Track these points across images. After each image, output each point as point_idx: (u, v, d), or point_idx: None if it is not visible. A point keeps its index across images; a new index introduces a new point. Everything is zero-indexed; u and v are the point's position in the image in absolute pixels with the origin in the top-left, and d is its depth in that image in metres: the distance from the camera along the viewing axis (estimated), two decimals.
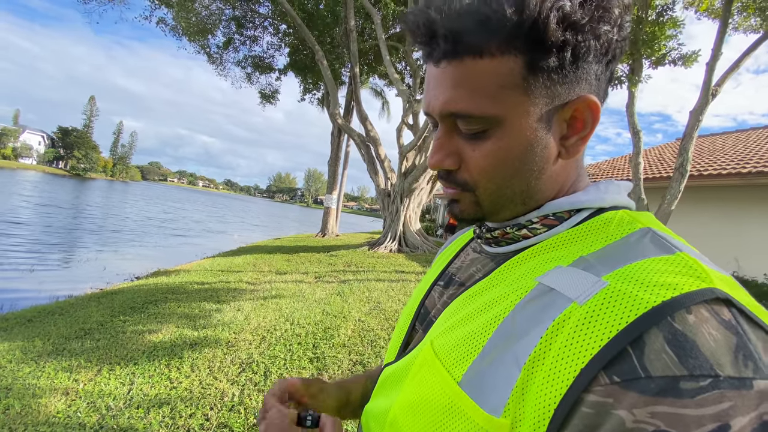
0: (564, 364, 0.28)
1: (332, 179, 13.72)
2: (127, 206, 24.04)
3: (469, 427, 0.31)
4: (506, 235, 0.43)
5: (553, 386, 0.27)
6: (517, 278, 0.37)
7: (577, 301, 0.30)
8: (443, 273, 0.52)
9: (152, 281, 5.78)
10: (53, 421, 2.11)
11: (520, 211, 0.42)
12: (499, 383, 0.31)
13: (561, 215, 0.40)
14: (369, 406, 0.49)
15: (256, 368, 2.91)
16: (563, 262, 0.36)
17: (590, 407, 0.26)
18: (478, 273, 0.45)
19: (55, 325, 3.62)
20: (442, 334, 0.39)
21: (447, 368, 0.35)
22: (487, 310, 0.36)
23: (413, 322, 0.49)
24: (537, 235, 0.41)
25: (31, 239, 9.56)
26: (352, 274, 6.99)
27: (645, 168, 9.79)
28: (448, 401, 0.34)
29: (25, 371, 2.64)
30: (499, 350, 0.32)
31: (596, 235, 0.37)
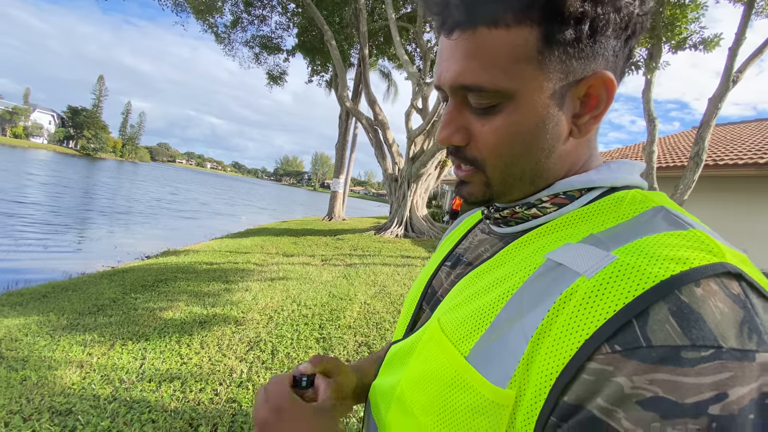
0: (568, 336, 0.28)
1: (339, 163, 13.67)
2: (137, 187, 24.28)
3: (475, 399, 0.32)
4: (515, 215, 0.42)
5: (556, 356, 0.28)
6: (527, 256, 0.37)
7: (585, 275, 0.30)
8: (450, 254, 0.52)
9: (162, 260, 5.88)
10: (68, 392, 2.19)
11: (529, 190, 0.41)
12: (506, 356, 0.31)
13: (572, 194, 0.40)
14: (376, 383, 0.49)
15: (263, 347, 2.98)
16: (573, 240, 0.35)
17: (591, 374, 0.26)
18: (486, 253, 0.45)
19: (69, 301, 3.72)
20: (449, 311, 0.39)
21: (454, 343, 0.36)
22: (495, 287, 0.36)
23: (420, 302, 0.49)
24: (547, 214, 0.40)
25: (43, 218, 9.73)
26: (358, 257, 7.03)
27: (659, 157, 9.60)
28: (454, 374, 0.34)
29: (40, 344, 2.73)
30: (507, 325, 0.32)
31: (607, 214, 0.36)
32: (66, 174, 24.94)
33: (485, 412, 0.31)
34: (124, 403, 2.12)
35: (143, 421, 1.98)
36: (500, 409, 0.31)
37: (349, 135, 13.78)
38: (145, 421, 1.98)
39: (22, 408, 2.00)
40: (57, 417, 1.96)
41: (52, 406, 2.03)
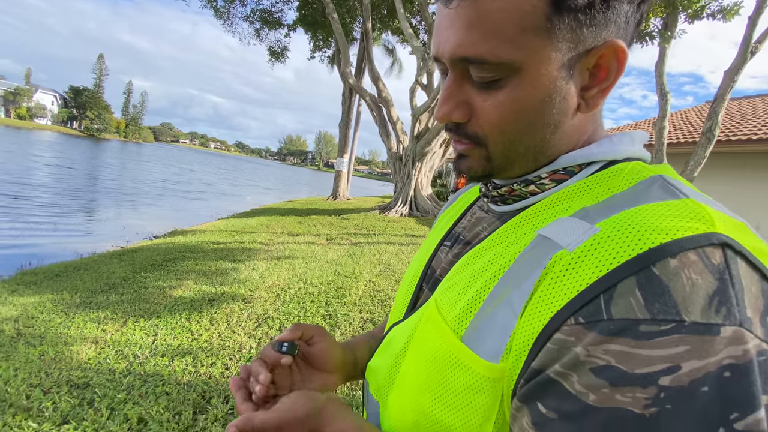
0: (543, 307, 0.29)
1: (343, 142, 13.55)
2: (142, 168, 24.35)
3: (471, 378, 0.33)
4: (513, 192, 0.41)
5: (531, 326, 0.29)
6: (521, 235, 0.37)
7: (567, 248, 0.30)
8: (449, 233, 0.51)
9: (170, 240, 5.96)
10: (85, 366, 2.27)
11: (531, 167, 0.39)
12: (497, 332, 0.32)
13: (571, 169, 0.38)
14: (373, 363, 0.49)
15: (271, 323, 3.05)
16: (565, 215, 0.35)
17: (554, 343, 0.27)
18: (483, 232, 0.44)
19: (81, 280, 3.81)
20: (445, 292, 0.39)
21: (449, 325, 0.36)
22: (489, 267, 0.36)
23: (420, 282, 0.49)
24: (545, 191, 0.39)
25: (52, 200, 9.84)
26: (363, 237, 7.08)
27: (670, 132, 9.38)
28: (450, 356, 0.35)
29: (56, 321, 2.81)
30: (498, 302, 0.33)
31: (603, 186, 0.35)
32: (71, 155, 25.02)
33: (482, 389, 0.32)
34: (139, 377, 2.20)
35: (158, 394, 2.06)
36: (496, 383, 0.31)
37: (353, 113, 13.58)
38: (160, 394, 2.06)
39: (41, 382, 2.08)
40: (75, 390, 2.04)
41: (70, 380, 2.12)
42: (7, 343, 2.44)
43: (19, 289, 3.48)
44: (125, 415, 1.87)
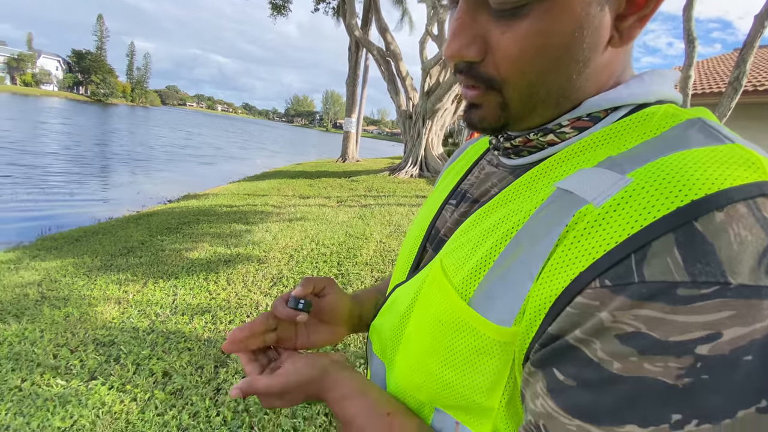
0: (562, 268, 0.26)
1: (351, 101, 13.15)
2: (151, 133, 24.31)
3: (479, 341, 0.31)
4: (529, 143, 0.36)
5: (549, 288, 0.26)
6: (538, 189, 0.33)
7: (593, 203, 0.26)
8: (455, 190, 0.47)
9: (183, 204, 6.03)
10: (109, 325, 2.37)
11: (552, 114, 0.34)
12: (510, 295, 0.29)
13: (597, 115, 0.33)
14: (377, 323, 0.48)
15: (286, 282, 3.11)
16: (588, 165, 0.31)
17: (575, 308, 0.25)
18: (494, 188, 0.40)
19: (100, 244, 3.91)
20: (452, 253, 0.36)
21: (455, 287, 0.33)
22: (500, 226, 0.33)
23: (424, 242, 0.46)
24: (565, 140, 0.34)
25: (66, 167, 9.97)
26: (372, 198, 7.05)
27: (695, 82, 8.81)
28: (456, 319, 0.32)
29: (79, 284, 2.92)
30: (510, 263, 0.30)
31: (632, 133, 0.31)
32: (81, 122, 25.05)
33: (491, 352, 0.30)
34: (161, 334, 2.29)
35: (180, 350, 2.15)
36: (507, 347, 0.29)
37: (360, 69, 13.05)
38: (182, 350, 2.15)
39: (68, 341, 2.19)
40: (101, 348, 2.14)
41: (96, 338, 2.22)
42: (32, 306, 2.55)
43: (41, 254, 3.59)
44: (150, 369, 1.97)
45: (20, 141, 12.96)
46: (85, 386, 1.83)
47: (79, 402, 1.73)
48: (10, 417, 1.64)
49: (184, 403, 1.77)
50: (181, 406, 1.75)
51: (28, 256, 3.50)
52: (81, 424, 1.62)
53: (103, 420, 1.65)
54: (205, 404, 1.76)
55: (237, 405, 1.77)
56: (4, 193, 6.69)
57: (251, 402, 1.79)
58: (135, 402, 1.76)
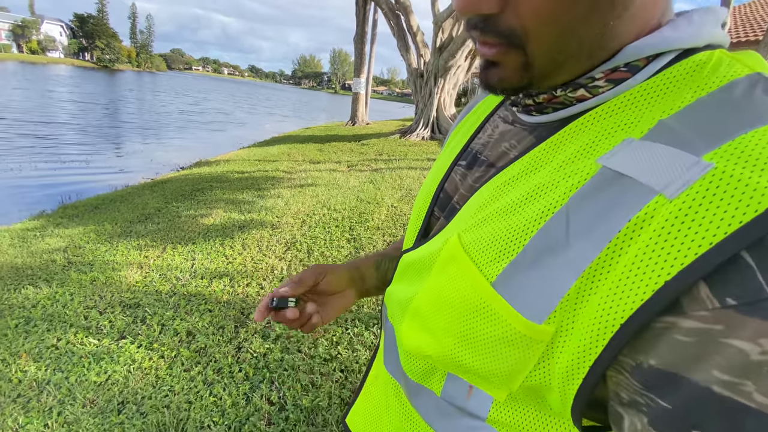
0: (641, 275, 0.22)
1: (359, 60, 12.66)
2: (160, 99, 24.13)
3: (503, 330, 0.28)
4: (554, 99, 0.31)
5: (622, 300, 0.22)
6: (570, 158, 0.29)
7: (664, 194, 0.22)
8: (464, 151, 0.43)
9: (196, 171, 6.08)
10: (134, 289, 2.48)
11: (584, 67, 0.29)
12: (545, 290, 0.26)
13: (636, 64, 0.28)
14: (391, 290, 0.47)
15: (299, 247, 3.17)
16: (634, 130, 0.26)
17: (686, 335, 0.20)
18: (512, 150, 0.35)
19: (119, 211, 4.01)
20: (473, 228, 0.33)
21: (479, 266, 0.30)
22: (530, 202, 0.29)
23: (431, 207, 0.43)
24: (598, 95, 0.29)
25: (79, 136, 10.05)
26: (383, 162, 6.97)
27: (730, 29, 8.16)
28: (478, 301, 0.30)
29: (101, 250, 3.03)
30: (546, 252, 0.26)
31: (683, 88, 0.26)
32: (90, 89, 24.94)
33: (514, 343, 0.28)
34: (183, 297, 2.39)
35: (201, 311, 2.25)
36: (533, 342, 0.27)
37: (368, 25, 12.43)
38: (203, 311, 2.25)
39: (96, 303, 2.31)
40: (128, 309, 2.26)
41: (122, 301, 2.33)
42: (60, 271, 2.67)
43: (63, 222, 3.71)
44: (175, 329, 2.07)
45: (33, 110, 13.04)
46: (115, 345, 1.95)
47: (111, 359, 1.85)
48: (50, 372, 1.77)
49: (208, 360, 1.88)
50: (206, 363, 1.86)
51: (52, 224, 3.63)
52: (115, 379, 1.74)
53: (134, 375, 1.77)
54: (228, 361, 1.86)
55: (258, 362, 1.87)
56: (23, 162, 6.84)
57: (271, 359, 1.89)
58: (163, 359, 1.87)
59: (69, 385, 1.70)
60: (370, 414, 0.50)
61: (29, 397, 1.63)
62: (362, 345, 2.03)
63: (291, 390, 1.71)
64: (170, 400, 1.64)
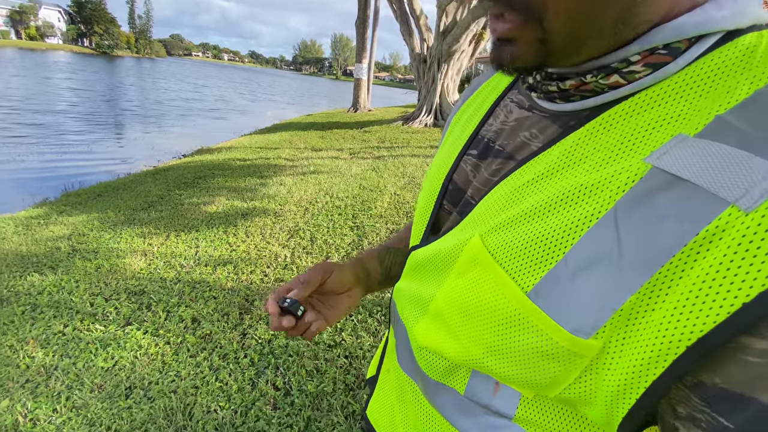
0: (713, 295, 0.20)
1: (361, 45, 12.45)
2: (160, 86, 23.93)
3: (542, 343, 0.26)
4: (584, 87, 0.29)
5: (690, 320, 0.21)
6: (611, 155, 0.26)
7: (738, 205, 0.20)
8: (473, 138, 0.39)
9: (198, 158, 6.06)
10: (138, 276, 2.49)
11: (607, 45, 0.27)
12: (593, 303, 0.24)
13: (677, 46, 0.25)
14: (401, 286, 0.45)
15: (303, 234, 3.17)
16: (686, 127, 0.24)
17: (761, 356, 0.19)
18: (534, 141, 0.32)
19: (122, 199, 4.01)
20: (499, 230, 0.30)
21: (511, 274, 0.28)
22: (569, 204, 0.26)
23: (440, 200, 0.40)
24: (634, 82, 0.27)
25: (81, 123, 10.01)
26: (386, 150, 6.91)
27: None
28: (512, 312, 0.28)
29: (105, 237, 3.03)
30: (593, 262, 0.24)
31: (734, 76, 0.24)
32: (89, 77, 24.74)
33: (554, 356, 0.26)
34: (188, 284, 2.40)
35: (206, 298, 2.26)
36: (576, 357, 0.25)
37: (370, 8, 12.18)
38: (208, 298, 2.26)
39: (102, 290, 2.32)
40: (133, 296, 2.27)
41: (127, 288, 2.34)
42: (65, 259, 2.68)
43: (67, 209, 3.72)
44: (180, 316, 2.09)
45: (33, 98, 12.96)
46: (122, 331, 1.97)
47: (118, 345, 1.87)
48: (57, 358, 1.79)
49: (213, 346, 1.89)
50: (211, 348, 1.88)
51: (56, 212, 3.63)
52: (122, 364, 1.76)
53: (141, 361, 1.79)
54: (233, 347, 1.88)
55: (263, 348, 1.88)
56: (25, 151, 6.82)
57: (276, 345, 1.90)
58: (168, 345, 1.89)
59: (77, 371, 1.72)
60: (385, 408, 0.50)
61: (38, 383, 1.66)
62: (366, 331, 2.03)
63: (296, 376, 1.73)
64: (177, 385, 1.66)
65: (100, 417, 1.51)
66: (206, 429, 1.47)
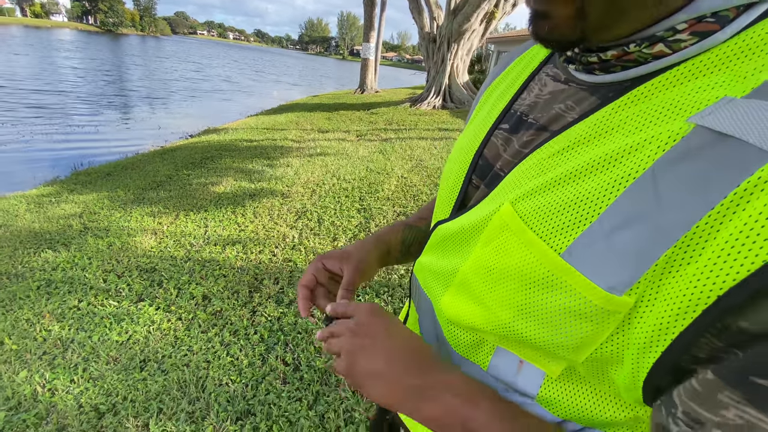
0: (749, 244, 0.20)
1: (369, 23, 12.17)
2: (166, 66, 23.73)
3: (575, 302, 0.26)
4: (626, 56, 0.28)
5: (723, 270, 0.21)
6: (651, 119, 0.25)
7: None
8: (506, 112, 0.39)
9: (204, 139, 6.05)
10: (149, 254, 2.53)
11: (651, 16, 0.26)
12: (629, 259, 0.24)
13: (725, 14, 0.25)
14: (423, 260, 0.45)
15: (310, 216, 3.18)
16: (733, 91, 0.23)
17: None
18: (570, 113, 0.32)
19: (130, 178, 4.04)
20: (530, 196, 0.30)
21: (543, 237, 0.28)
22: (605, 168, 0.26)
23: (469, 175, 0.40)
24: (679, 51, 0.26)
25: (88, 103, 10.00)
26: (393, 132, 6.84)
27: None
28: (545, 273, 0.28)
29: (116, 216, 3.07)
30: (631, 220, 0.24)
31: None
32: (95, 55, 24.58)
33: (587, 316, 0.26)
34: (198, 262, 2.43)
35: (216, 276, 2.30)
36: (609, 315, 0.25)
37: None
38: (218, 276, 2.30)
39: (114, 267, 2.36)
40: (144, 273, 2.31)
41: (139, 265, 2.38)
42: (77, 236, 2.72)
43: (77, 188, 3.75)
44: (191, 293, 2.13)
45: (40, 77, 12.94)
46: (134, 307, 2.01)
47: (131, 320, 1.92)
48: (73, 332, 1.84)
49: (224, 322, 1.93)
50: (222, 325, 1.92)
51: (66, 190, 3.67)
52: (136, 338, 1.81)
53: (154, 335, 1.83)
54: (243, 324, 1.92)
55: (272, 325, 1.92)
56: (33, 130, 6.86)
57: (285, 322, 1.94)
58: (180, 321, 1.93)
59: (92, 344, 1.77)
60: None
61: (55, 355, 1.71)
62: None
63: (305, 352, 1.76)
64: (189, 359, 1.71)
65: (116, 388, 1.56)
66: (218, 401, 1.52)
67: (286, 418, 1.47)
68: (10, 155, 5.51)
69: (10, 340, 1.77)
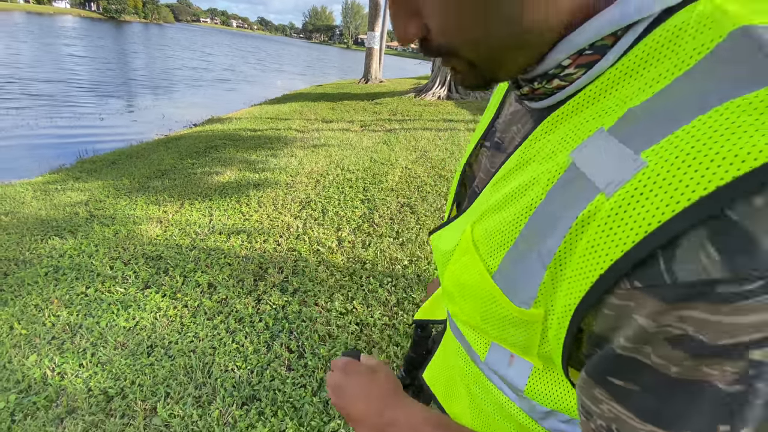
0: (586, 267, 0.24)
1: (374, 11, 12.01)
2: (169, 55, 23.60)
3: (507, 314, 0.31)
4: (537, 92, 0.31)
5: (576, 287, 0.25)
6: (553, 150, 0.29)
7: (605, 192, 0.23)
8: (489, 129, 0.43)
9: (208, 128, 6.04)
10: (155, 242, 2.55)
11: (532, 54, 0.27)
12: (526, 280, 0.28)
13: (603, 44, 0.25)
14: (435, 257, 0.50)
15: (314, 206, 3.19)
16: (608, 120, 0.25)
17: (611, 309, 0.23)
18: (517, 135, 0.36)
19: (135, 167, 4.05)
20: (481, 219, 0.34)
21: (483, 259, 0.33)
22: (522, 194, 0.30)
23: (460, 182, 0.46)
24: (573, 82, 0.28)
25: (93, 91, 9.99)
26: (397, 123, 6.79)
27: None
28: (487, 290, 0.33)
29: (122, 204, 3.09)
30: (528, 245, 0.28)
31: (657, 66, 0.23)
32: (98, 43, 24.47)
33: (518, 324, 0.31)
34: (203, 251, 2.45)
35: (221, 265, 2.32)
36: (529, 324, 0.30)
37: None
38: (223, 265, 2.32)
39: (120, 255, 2.39)
40: (150, 261, 2.33)
41: (145, 253, 2.40)
42: (83, 224, 2.75)
43: (82, 176, 3.77)
44: (196, 281, 2.15)
45: (44, 65, 12.91)
46: (141, 294, 2.04)
47: (138, 306, 1.94)
48: (81, 317, 1.87)
49: (229, 310, 1.96)
50: (227, 312, 1.94)
51: (72, 178, 3.70)
52: (143, 325, 1.83)
53: (160, 322, 1.86)
54: (248, 311, 1.94)
55: (277, 313, 1.94)
56: (39, 115, 6.87)
57: (290, 311, 1.96)
58: (186, 308, 1.96)
59: (100, 329, 1.79)
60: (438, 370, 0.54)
61: (63, 339, 1.74)
62: (376, 301, 2.08)
63: (309, 340, 1.78)
64: (195, 345, 1.73)
65: (125, 372, 1.59)
66: (224, 386, 1.54)
67: (290, 403, 1.49)
68: (15, 142, 5.53)
69: (20, 325, 1.81)
